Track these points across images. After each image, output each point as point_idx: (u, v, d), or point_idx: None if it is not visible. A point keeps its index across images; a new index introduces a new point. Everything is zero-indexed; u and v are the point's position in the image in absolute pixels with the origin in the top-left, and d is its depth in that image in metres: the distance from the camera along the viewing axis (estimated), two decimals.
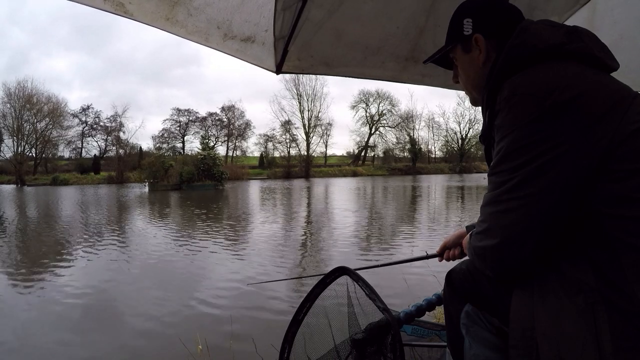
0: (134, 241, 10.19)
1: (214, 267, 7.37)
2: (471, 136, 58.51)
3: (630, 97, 0.74)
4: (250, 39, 1.65)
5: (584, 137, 0.70)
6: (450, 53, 1.03)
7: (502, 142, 0.77)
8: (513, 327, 0.81)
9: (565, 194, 0.72)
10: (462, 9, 1.00)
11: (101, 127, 53.33)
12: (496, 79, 0.84)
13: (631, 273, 0.68)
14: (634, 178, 0.70)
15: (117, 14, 1.29)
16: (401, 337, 1.16)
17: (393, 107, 59.74)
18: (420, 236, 9.98)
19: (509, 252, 0.78)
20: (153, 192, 31.53)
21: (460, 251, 1.34)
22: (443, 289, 1.21)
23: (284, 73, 1.87)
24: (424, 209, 16.67)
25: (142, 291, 5.97)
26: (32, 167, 49.21)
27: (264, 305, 5.19)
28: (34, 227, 13.29)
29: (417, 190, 27.51)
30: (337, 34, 1.78)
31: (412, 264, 5.32)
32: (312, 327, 1.35)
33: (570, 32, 0.83)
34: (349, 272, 1.33)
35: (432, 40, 1.80)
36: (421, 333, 1.74)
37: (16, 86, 47.36)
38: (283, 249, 8.75)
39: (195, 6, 1.42)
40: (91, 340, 4.30)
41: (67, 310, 5.26)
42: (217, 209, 18.03)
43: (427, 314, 1.48)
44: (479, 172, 50.14)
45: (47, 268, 7.41)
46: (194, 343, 3.53)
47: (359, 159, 60.28)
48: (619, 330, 0.67)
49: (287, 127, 56.32)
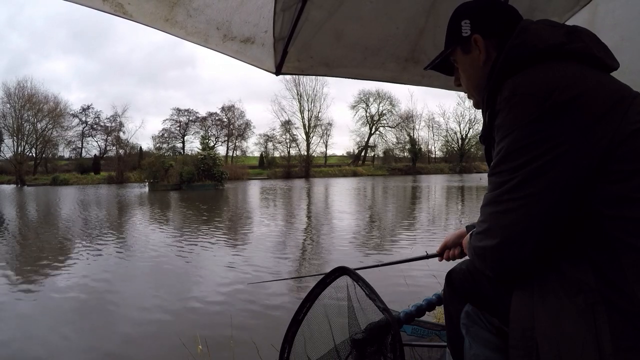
0: (133, 241, 10.18)
1: (214, 266, 7.36)
2: (471, 136, 58.44)
3: (631, 97, 0.74)
4: (249, 40, 1.65)
5: (584, 137, 0.70)
6: (451, 56, 1.03)
7: (502, 142, 0.77)
8: (513, 327, 0.81)
9: (565, 194, 0.72)
10: (459, 11, 1.00)
11: (101, 127, 53.37)
12: (496, 79, 0.84)
13: (631, 273, 0.68)
14: (634, 178, 0.70)
15: (116, 14, 1.29)
16: (401, 337, 1.16)
17: (393, 107, 59.74)
18: (420, 236, 9.98)
19: (509, 252, 0.78)
20: (153, 192, 31.52)
21: (461, 251, 1.34)
22: (443, 289, 1.21)
23: (283, 74, 1.87)
24: (424, 210, 16.66)
25: (141, 291, 5.98)
26: (32, 167, 49.14)
27: (264, 305, 5.20)
28: (35, 227, 13.28)
29: (417, 190, 27.50)
30: (337, 35, 1.78)
31: (412, 264, 5.29)
32: (312, 327, 1.35)
33: (570, 32, 0.83)
34: (349, 272, 1.33)
35: (432, 41, 1.80)
36: (421, 333, 1.74)
37: (16, 86, 47.42)
38: (283, 249, 8.75)
39: (194, 7, 1.42)
40: (90, 340, 4.30)
41: (66, 309, 5.26)
42: (217, 209, 18.03)
43: (427, 314, 1.48)
44: (479, 172, 50.09)
45: (46, 268, 7.41)
46: (194, 343, 3.53)
47: (359, 159, 60.21)
48: (619, 331, 0.67)
49: (287, 127, 56.37)
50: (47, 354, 4.06)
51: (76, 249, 9.24)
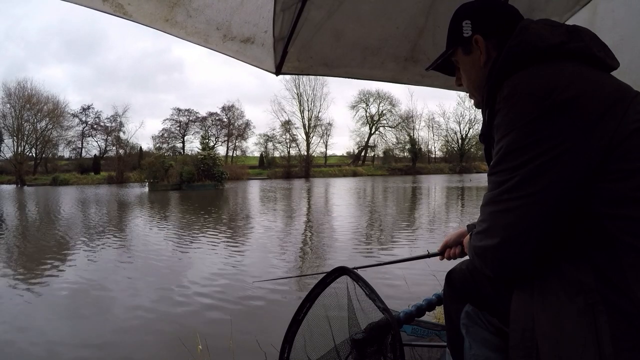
0: (133, 240, 10.18)
1: (214, 266, 7.36)
2: (471, 136, 58.39)
3: (631, 96, 0.74)
4: (249, 40, 1.65)
5: (583, 136, 0.70)
6: (452, 57, 1.03)
7: (502, 141, 0.77)
8: (513, 328, 0.81)
9: (565, 194, 0.72)
10: (460, 12, 1.00)
11: (101, 127, 53.37)
12: (496, 78, 0.84)
13: (631, 274, 0.68)
14: (634, 178, 0.69)
15: (116, 15, 1.29)
16: (401, 337, 1.16)
17: (393, 107, 59.72)
18: (420, 236, 9.98)
19: (509, 252, 0.78)
20: (153, 192, 31.52)
21: (461, 250, 1.34)
22: (443, 289, 1.21)
23: (283, 74, 1.87)
24: (424, 210, 16.66)
25: (141, 291, 5.97)
26: (32, 167, 49.15)
27: (264, 305, 5.20)
28: (37, 226, 13.28)
29: (417, 190, 27.49)
30: (337, 35, 1.78)
31: (412, 264, 5.30)
32: (312, 326, 1.35)
33: (570, 31, 0.83)
34: (349, 272, 1.33)
35: (431, 40, 1.80)
36: (421, 333, 1.74)
37: (16, 86, 47.43)
38: (283, 249, 8.75)
39: (194, 7, 1.42)
40: (89, 341, 4.30)
41: (66, 307, 5.26)
42: (217, 209, 18.02)
43: (427, 314, 1.48)
44: (479, 172, 50.10)
45: (44, 268, 7.41)
46: (194, 343, 3.53)
47: (359, 159, 60.19)
48: (619, 331, 0.67)
49: (287, 127, 56.36)
50: (46, 351, 4.06)
51: (76, 249, 9.23)
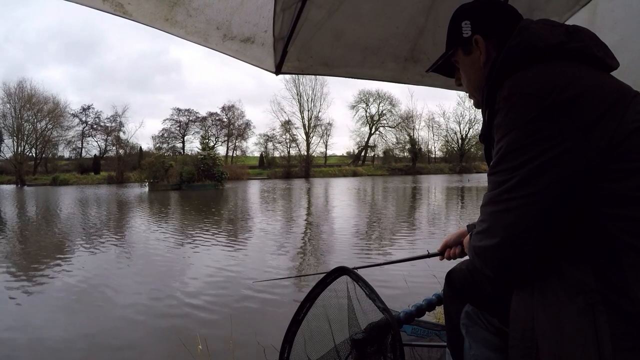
0: (133, 240, 10.18)
1: (214, 265, 7.35)
2: (471, 136, 58.35)
3: (630, 96, 0.74)
4: (249, 40, 1.65)
5: (583, 136, 0.70)
6: (452, 57, 1.03)
7: (502, 141, 0.77)
8: (513, 328, 0.81)
9: (565, 194, 0.72)
10: (460, 12, 1.00)
11: (101, 127, 53.38)
12: (496, 78, 0.84)
13: (631, 274, 0.67)
14: (634, 177, 0.69)
15: (116, 14, 1.29)
16: (401, 337, 1.16)
17: (393, 107, 59.69)
18: (420, 236, 9.98)
19: (509, 252, 0.78)
20: (153, 192, 31.51)
21: (461, 250, 1.33)
22: (443, 289, 1.21)
23: (283, 74, 1.87)
24: (424, 211, 16.66)
25: (141, 290, 5.97)
26: (32, 167, 49.13)
27: (264, 305, 5.20)
28: (36, 226, 13.28)
29: (417, 191, 27.49)
30: (337, 35, 1.78)
31: (412, 264, 5.32)
32: (312, 327, 1.35)
33: (570, 31, 0.83)
34: (349, 272, 1.33)
35: (431, 40, 1.80)
36: (421, 333, 1.74)
37: (16, 86, 47.44)
38: (283, 248, 8.75)
39: (194, 7, 1.42)
40: (89, 341, 4.30)
41: (65, 307, 5.26)
42: (216, 209, 18.03)
43: (427, 314, 1.48)
44: (479, 172, 50.09)
45: (44, 269, 7.41)
46: (194, 343, 3.53)
47: (359, 159, 60.18)
48: (619, 331, 0.67)
49: (287, 127, 56.36)
50: (47, 350, 4.06)
51: (76, 249, 9.23)
